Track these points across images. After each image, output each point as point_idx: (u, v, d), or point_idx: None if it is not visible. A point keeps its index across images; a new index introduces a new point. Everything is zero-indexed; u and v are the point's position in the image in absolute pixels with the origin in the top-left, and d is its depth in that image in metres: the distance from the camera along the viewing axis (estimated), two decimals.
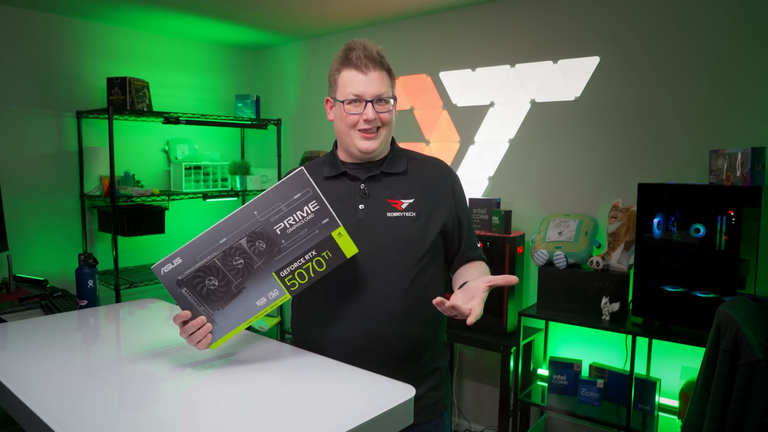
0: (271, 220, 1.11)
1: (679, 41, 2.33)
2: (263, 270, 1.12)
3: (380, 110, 1.29)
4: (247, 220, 1.10)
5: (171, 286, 1.11)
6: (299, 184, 1.12)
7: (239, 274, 1.11)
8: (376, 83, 1.28)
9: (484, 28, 2.89)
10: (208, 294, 1.11)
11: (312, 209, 1.12)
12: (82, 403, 1.01)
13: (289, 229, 1.12)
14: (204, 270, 1.11)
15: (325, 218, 1.12)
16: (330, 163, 1.39)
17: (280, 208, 1.11)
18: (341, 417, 0.95)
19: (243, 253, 1.11)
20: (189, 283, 1.11)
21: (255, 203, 1.11)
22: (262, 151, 3.93)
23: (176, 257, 1.10)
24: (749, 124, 2.18)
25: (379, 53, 1.30)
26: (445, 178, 1.38)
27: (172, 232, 3.40)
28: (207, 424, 0.96)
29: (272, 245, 1.11)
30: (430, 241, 1.31)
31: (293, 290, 1.14)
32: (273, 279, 1.12)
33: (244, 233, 1.10)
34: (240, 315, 1.13)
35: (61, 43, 3.08)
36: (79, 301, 2.14)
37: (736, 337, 1.44)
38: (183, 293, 1.11)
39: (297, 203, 1.11)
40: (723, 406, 1.46)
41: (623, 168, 2.50)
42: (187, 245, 1.10)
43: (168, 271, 1.10)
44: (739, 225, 1.95)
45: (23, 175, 2.96)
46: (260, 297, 1.13)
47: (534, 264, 2.54)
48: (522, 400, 2.55)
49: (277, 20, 3.21)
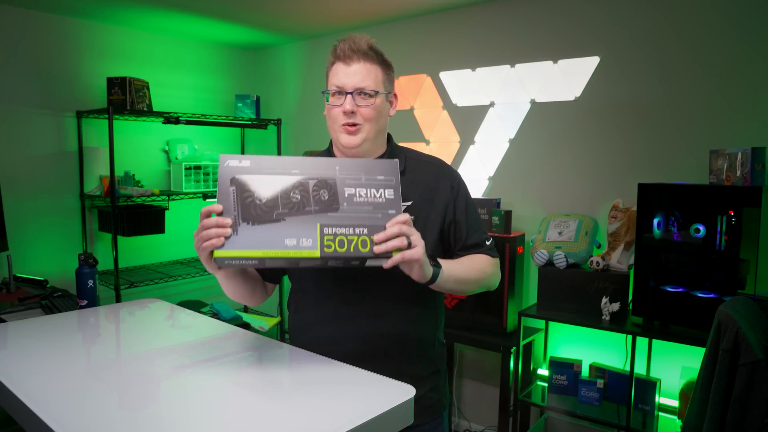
0: (347, 181, 1.10)
1: (679, 41, 2.33)
2: (312, 216, 1.08)
3: (361, 104, 1.24)
4: (326, 169, 1.10)
5: (225, 178, 1.07)
6: (388, 169, 1.13)
7: (288, 205, 1.08)
8: (359, 75, 1.24)
9: (484, 28, 2.89)
10: (249, 205, 1.07)
11: (386, 195, 1.11)
12: (82, 403, 1.01)
13: (356, 198, 1.10)
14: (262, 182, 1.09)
15: (393, 209, 1.11)
16: None
17: (360, 177, 1.11)
18: (341, 417, 0.95)
19: (304, 192, 1.09)
20: (241, 185, 1.08)
21: (340, 161, 1.12)
22: (262, 151, 3.93)
23: (246, 159, 1.09)
24: (749, 124, 2.19)
25: (371, 46, 1.26)
26: (443, 177, 1.34)
27: (172, 232, 3.40)
28: (207, 424, 0.96)
29: (334, 201, 1.09)
30: (430, 245, 1.28)
31: (325, 251, 1.07)
32: (314, 229, 1.08)
33: (316, 177, 1.10)
34: (264, 241, 1.06)
35: (61, 43, 3.08)
36: (79, 301, 2.14)
37: (736, 337, 1.44)
38: (230, 191, 1.07)
39: (376, 182, 1.11)
40: (723, 406, 1.46)
41: (623, 168, 2.50)
42: (262, 156, 1.10)
43: (231, 165, 1.08)
44: (739, 225, 1.95)
45: (23, 175, 2.96)
46: (293, 237, 1.07)
47: (534, 264, 2.54)
48: (522, 400, 2.55)
49: (277, 20, 3.21)
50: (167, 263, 3.52)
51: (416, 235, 1.09)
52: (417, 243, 1.08)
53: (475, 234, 1.34)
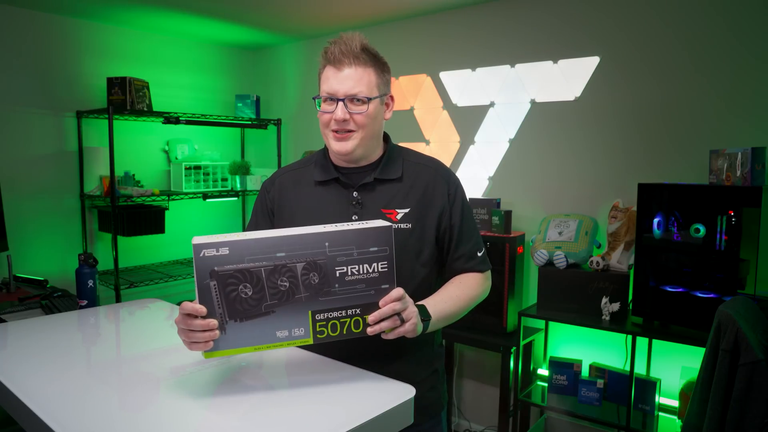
0: (338, 259, 1.03)
1: (680, 41, 2.33)
2: (302, 304, 1.03)
3: (354, 110, 1.19)
4: (315, 247, 1.02)
5: (202, 273, 0.98)
6: (382, 239, 1.05)
7: (277, 295, 1.01)
8: (351, 81, 1.18)
9: (484, 28, 2.89)
10: (234, 300, 1.00)
11: (379, 268, 1.05)
12: (82, 403, 1.01)
13: (348, 276, 1.04)
14: (245, 274, 0.99)
15: (386, 284, 1.06)
16: (321, 166, 1.31)
17: (352, 252, 1.04)
18: (341, 417, 0.95)
19: (292, 278, 1.01)
20: (222, 279, 0.98)
21: (330, 235, 1.03)
22: (262, 151, 3.93)
23: (224, 246, 0.98)
24: (749, 124, 2.19)
25: (364, 47, 1.21)
26: (441, 182, 1.30)
27: (172, 232, 3.40)
28: (207, 424, 0.96)
29: (325, 284, 1.03)
30: (427, 252, 1.28)
31: (318, 338, 1.04)
32: (306, 317, 1.03)
33: (305, 258, 1.02)
34: (254, 337, 1.02)
35: (61, 43, 3.08)
36: (79, 301, 2.14)
37: (736, 337, 1.44)
38: (210, 286, 0.98)
39: (369, 256, 1.05)
40: (723, 406, 1.46)
41: (623, 168, 2.50)
42: (242, 240, 0.99)
43: (209, 256, 0.98)
44: (739, 225, 1.95)
45: (23, 175, 2.96)
46: (284, 329, 1.03)
47: (534, 264, 2.54)
48: (522, 400, 2.55)
49: (277, 20, 3.21)
50: (167, 263, 3.52)
51: (409, 307, 1.09)
52: (410, 317, 1.08)
53: (467, 243, 1.32)
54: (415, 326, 1.09)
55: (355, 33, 1.22)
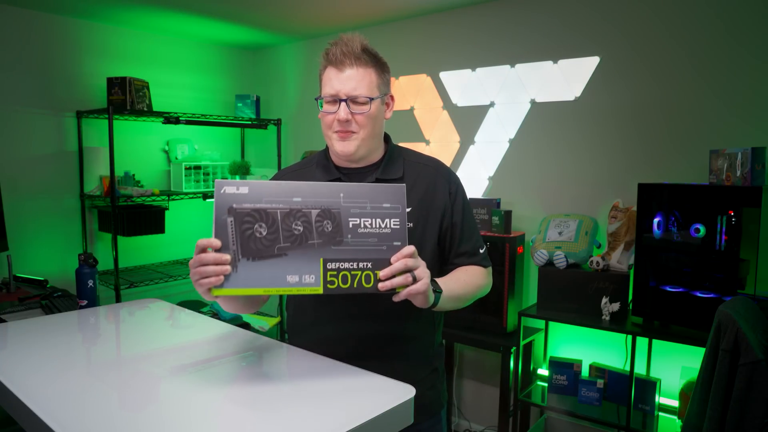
0: (351, 210, 1.05)
1: (680, 41, 2.33)
2: (315, 250, 1.03)
3: (356, 111, 1.21)
4: (330, 196, 1.05)
5: (221, 208, 1.00)
6: (395, 196, 1.08)
7: (290, 238, 1.02)
8: (352, 81, 1.20)
9: (484, 28, 2.89)
10: (249, 238, 1.01)
11: (392, 225, 1.07)
12: (82, 403, 1.01)
13: (361, 228, 1.05)
14: (262, 213, 1.02)
15: (398, 241, 1.07)
16: (323, 166, 1.33)
17: (365, 205, 1.06)
18: (341, 417, 0.95)
19: (307, 223, 1.03)
20: (239, 216, 1.01)
21: (345, 187, 1.06)
22: (262, 151, 3.93)
23: (244, 186, 1.01)
24: (749, 124, 2.19)
25: (364, 47, 1.22)
26: (442, 181, 1.32)
27: (172, 232, 3.41)
28: (207, 424, 0.96)
29: (337, 233, 1.04)
30: (428, 251, 1.29)
31: (328, 288, 1.04)
32: (317, 264, 1.03)
33: (320, 206, 1.04)
34: (265, 278, 1.02)
35: (61, 43, 3.08)
36: (79, 301, 2.14)
37: (736, 337, 1.44)
38: (227, 222, 1.00)
39: (382, 211, 1.07)
40: (723, 406, 1.46)
41: (623, 168, 2.50)
42: (261, 182, 1.03)
43: (228, 192, 1.01)
44: (739, 225, 1.95)
45: (23, 175, 2.96)
46: (295, 274, 1.03)
47: (534, 264, 2.54)
48: (522, 400, 2.55)
49: (277, 20, 3.21)
50: (167, 263, 3.52)
51: (421, 267, 1.08)
52: (422, 276, 1.07)
53: (468, 241, 1.33)
54: (427, 287, 1.08)
55: (356, 34, 1.23)
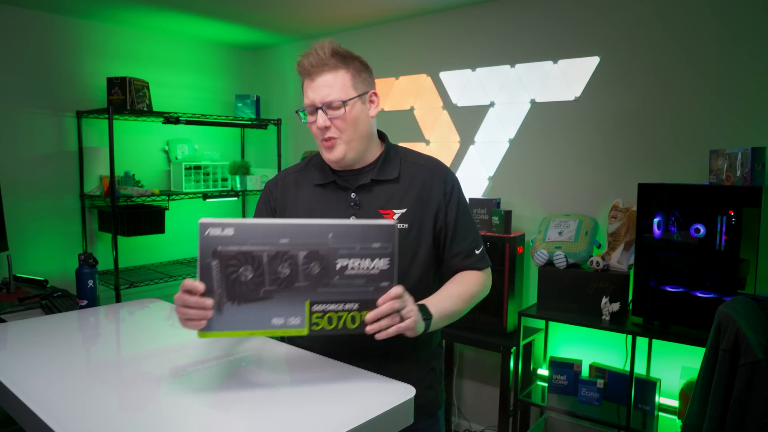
0: (339, 252, 1.03)
1: (680, 41, 2.33)
2: (301, 293, 1.03)
3: (333, 115, 1.22)
4: (318, 237, 1.02)
5: (206, 251, 0.99)
6: (386, 236, 1.05)
7: (277, 281, 1.02)
8: (324, 88, 1.21)
9: (484, 28, 2.89)
10: (234, 282, 1.00)
11: (381, 266, 1.05)
12: (82, 403, 1.01)
13: (348, 270, 1.04)
14: (248, 256, 1.00)
15: (387, 282, 1.05)
16: (320, 169, 1.34)
17: (355, 246, 1.03)
18: (341, 417, 0.95)
19: (293, 265, 1.01)
20: (225, 259, 0.99)
21: (334, 227, 1.03)
22: (262, 151, 3.93)
23: (230, 227, 0.99)
24: (749, 124, 2.19)
25: (335, 51, 1.22)
26: (437, 181, 1.31)
27: (172, 232, 3.40)
28: (207, 424, 0.96)
29: (325, 275, 1.03)
30: (423, 252, 1.29)
31: (313, 330, 1.04)
32: (303, 307, 1.03)
33: (307, 247, 1.02)
34: (250, 321, 1.02)
35: (61, 43, 3.08)
36: (79, 301, 2.14)
37: (736, 337, 1.44)
38: (212, 265, 0.99)
39: (372, 251, 1.04)
40: (723, 406, 1.46)
41: (623, 168, 2.50)
42: (247, 223, 1.00)
43: (213, 235, 0.99)
44: (739, 225, 1.95)
45: (23, 175, 2.96)
46: (280, 316, 1.02)
47: (534, 264, 2.54)
48: (522, 400, 2.55)
49: (277, 20, 3.21)
50: (167, 263, 3.52)
51: (408, 305, 1.09)
52: (409, 314, 1.08)
53: (463, 241, 1.32)
54: (415, 324, 1.09)
55: (325, 40, 1.24)
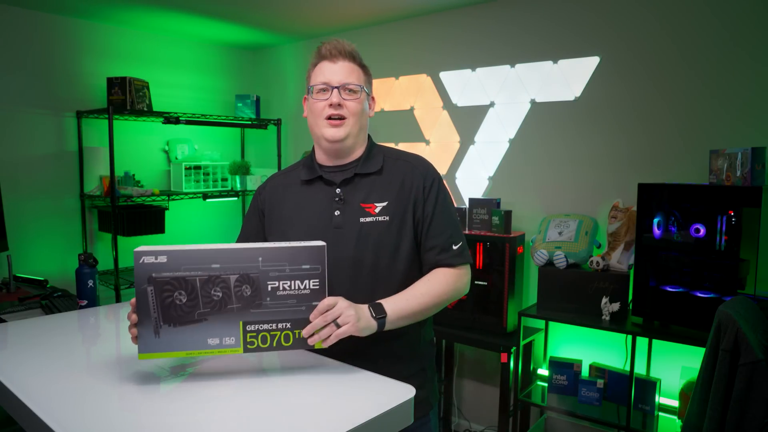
0: (270, 274, 1.08)
1: (680, 41, 2.33)
2: (234, 314, 1.08)
3: (347, 98, 1.29)
4: (249, 261, 1.07)
5: (141, 278, 1.04)
6: (315, 257, 1.10)
7: (210, 304, 1.07)
8: (345, 72, 1.30)
9: (484, 28, 2.89)
10: (169, 306, 1.05)
11: (311, 286, 1.10)
12: (82, 403, 1.01)
13: (280, 291, 1.09)
14: (181, 282, 1.05)
15: (317, 301, 1.10)
16: (307, 167, 1.38)
17: (284, 268, 1.09)
18: (341, 417, 0.95)
19: (225, 288, 1.07)
20: (159, 285, 1.05)
21: (264, 251, 1.08)
22: (262, 151, 3.93)
23: (162, 255, 1.05)
24: (749, 124, 2.19)
25: (353, 49, 1.33)
26: (417, 176, 1.33)
27: (172, 232, 3.40)
28: (207, 424, 0.96)
29: (256, 297, 1.08)
30: (406, 246, 1.30)
31: (249, 348, 1.09)
32: (237, 327, 1.08)
33: (238, 271, 1.07)
34: (186, 342, 1.07)
35: (61, 43, 3.08)
36: (79, 301, 2.14)
37: (736, 337, 1.44)
38: (147, 291, 1.05)
39: (301, 273, 1.09)
40: (723, 406, 1.46)
41: (623, 168, 2.50)
42: (179, 250, 1.06)
43: (147, 262, 1.04)
44: (739, 225, 1.95)
45: (23, 175, 2.96)
46: (215, 337, 1.08)
47: (534, 264, 2.54)
48: (522, 400, 2.55)
49: (277, 20, 3.21)
50: None
51: (344, 312, 1.11)
52: (347, 320, 1.11)
53: (440, 236, 1.31)
54: (356, 327, 1.12)
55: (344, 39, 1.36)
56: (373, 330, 1.17)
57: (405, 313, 1.23)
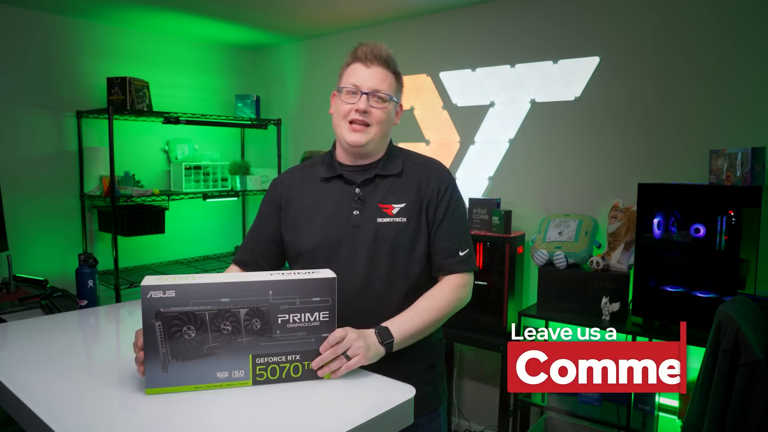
0: (280, 307, 1.07)
1: (680, 41, 2.33)
2: (244, 348, 1.07)
3: (374, 105, 1.28)
4: (258, 294, 1.06)
5: (149, 312, 1.02)
6: (325, 289, 1.10)
7: (219, 338, 1.05)
8: (376, 78, 1.28)
9: (484, 28, 2.89)
10: (178, 340, 1.04)
11: (321, 318, 1.10)
12: (82, 403, 1.01)
13: (290, 324, 1.08)
14: (190, 316, 1.04)
15: (327, 332, 1.10)
16: (327, 164, 1.38)
17: (295, 301, 1.08)
18: (341, 417, 0.95)
19: (235, 322, 1.06)
20: (168, 320, 1.03)
21: (274, 284, 1.07)
22: (262, 151, 3.93)
23: (171, 289, 1.02)
24: (749, 125, 2.18)
25: (389, 55, 1.31)
26: (433, 180, 1.35)
27: (172, 232, 3.40)
28: (207, 423, 0.96)
29: (266, 330, 1.07)
30: (421, 247, 1.31)
31: (258, 380, 1.08)
32: (247, 360, 1.07)
33: (248, 305, 1.06)
34: (195, 376, 1.05)
35: (61, 43, 3.08)
36: (79, 301, 2.14)
37: (736, 337, 1.44)
38: (155, 326, 1.02)
39: (312, 305, 1.09)
40: (723, 406, 1.46)
41: (623, 168, 2.50)
42: (188, 284, 1.03)
43: (156, 297, 1.02)
44: (739, 225, 1.95)
45: (23, 175, 2.96)
46: (224, 370, 1.06)
47: (534, 264, 2.54)
48: (522, 400, 2.55)
49: (277, 20, 3.21)
50: (167, 263, 3.52)
51: (353, 345, 1.12)
52: (356, 352, 1.12)
53: (448, 240, 1.32)
54: (366, 358, 1.13)
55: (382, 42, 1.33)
56: (381, 356, 1.17)
57: (410, 332, 1.24)
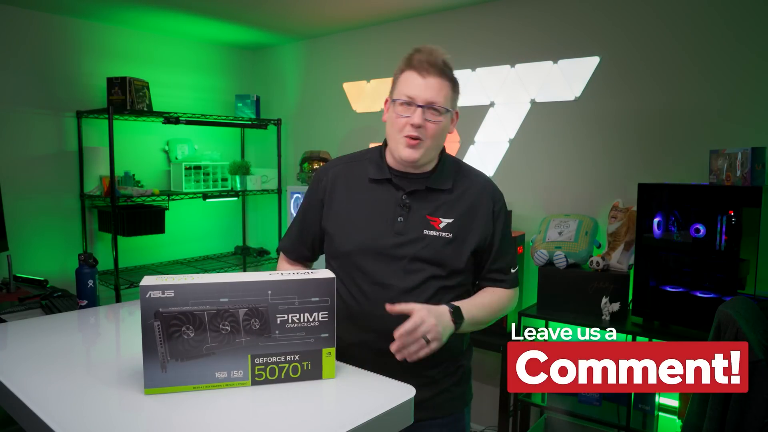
0: (279, 307, 1.07)
1: (680, 41, 2.33)
2: (243, 348, 1.06)
3: (429, 119, 1.24)
4: (258, 294, 1.06)
5: (147, 312, 1.01)
6: (324, 290, 1.09)
7: (218, 338, 1.05)
8: (432, 90, 1.23)
9: (484, 28, 2.89)
10: (176, 340, 1.03)
11: (320, 318, 1.09)
12: (82, 403, 1.01)
13: (289, 324, 1.08)
14: (189, 316, 1.03)
15: (326, 333, 1.10)
16: (377, 165, 1.35)
17: (293, 300, 1.08)
18: (341, 417, 0.95)
19: (234, 322, 1.06)
20: (166, 320, 1.02)
21: (273, 284, 1.07)
22: (262, 151, 3.93)
23: (170, 289, 1.02)
24: (749, 124, 2.18)
25: (445, 62, 1.26)
26: (487, 199, 1.34)
27: (172, 232, 3.40)
28: (207, 423, 0.96)
29: (265, 330, 1.07)
30: (462, 264, 1.30)
31: (256, 381, 1.08)
32: (245, 360, 1.07)
33: (247, 305, 1.06)
34: (194, 377, 1.05)
35: (61, 43, 3.08)
36: (79, 301, 2.14)
37: (736, 337, 1.44)
38: (154, 326, 1.02)
39: (310, 305, 1.09)
40: (723, 406, 1.46)
41: (623, 168, 2.50)
42: (187, 284, 1.03)
43: (154, 297, 1.02)
44: (739, 225, 1.95)
45: (23, 175, 2.96)
46: (223, 371, 1.06)
47: (534, 264, 2.54)
48: (522, 400, 2.55)
49: (277, 20, 3.21)
50: (167, 263, 3.52)
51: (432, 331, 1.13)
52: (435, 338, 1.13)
53: (502, 261, 1.36)
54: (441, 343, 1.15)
55: (438, 47, 1.27)
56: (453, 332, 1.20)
57: (475, 320, 1.26)
